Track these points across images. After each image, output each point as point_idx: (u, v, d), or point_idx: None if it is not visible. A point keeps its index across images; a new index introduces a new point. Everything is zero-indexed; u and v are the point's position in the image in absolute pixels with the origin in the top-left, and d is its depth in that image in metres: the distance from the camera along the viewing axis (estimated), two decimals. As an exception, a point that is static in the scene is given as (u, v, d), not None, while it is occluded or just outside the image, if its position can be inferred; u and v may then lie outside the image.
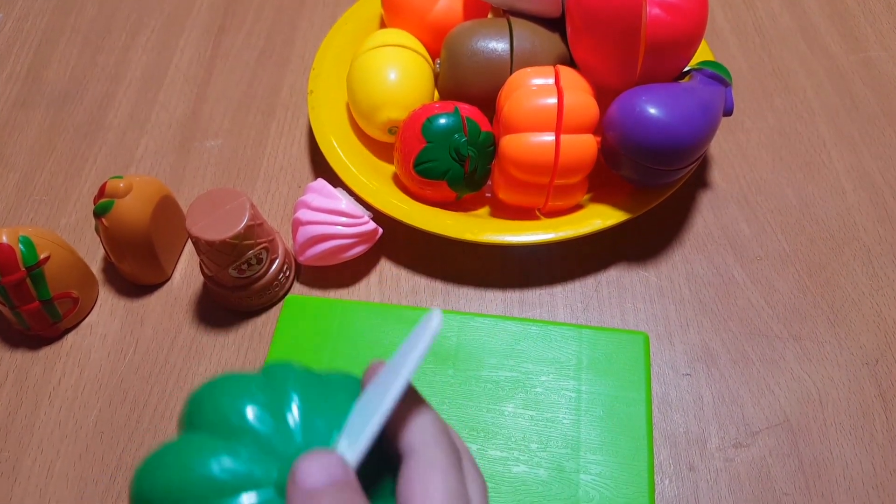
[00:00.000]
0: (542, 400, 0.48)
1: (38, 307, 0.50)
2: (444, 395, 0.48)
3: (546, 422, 0.47)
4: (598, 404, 0.47)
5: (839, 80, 0.66)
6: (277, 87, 0.68)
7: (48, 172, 0.63)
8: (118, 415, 0.51)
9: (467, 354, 0.49)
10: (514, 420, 0.47)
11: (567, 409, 0.47)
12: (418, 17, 0.61)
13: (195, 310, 0.55)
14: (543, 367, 0.49)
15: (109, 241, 0.52)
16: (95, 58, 0.72)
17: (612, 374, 0.48)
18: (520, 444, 0.46)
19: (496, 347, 0.50)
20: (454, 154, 0.53)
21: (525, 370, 0.49)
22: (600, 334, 0.50)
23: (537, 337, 0.50)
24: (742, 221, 0.58)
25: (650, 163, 0.49)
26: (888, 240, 0.56)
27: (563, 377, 0.48)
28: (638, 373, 0.48)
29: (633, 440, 0.46)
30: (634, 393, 0.47)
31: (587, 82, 0.52)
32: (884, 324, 0.52)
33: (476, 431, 0.47)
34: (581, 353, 0.49)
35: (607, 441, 0.46)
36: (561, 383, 0.48)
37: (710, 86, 0.52)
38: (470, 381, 0.48)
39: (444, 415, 0.47)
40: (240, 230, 0.48)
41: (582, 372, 0.48)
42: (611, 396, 0.47)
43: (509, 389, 0.48)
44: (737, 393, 0.50)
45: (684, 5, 0.48)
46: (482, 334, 0.50)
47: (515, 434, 0.46)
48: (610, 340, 0.49)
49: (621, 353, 0.49)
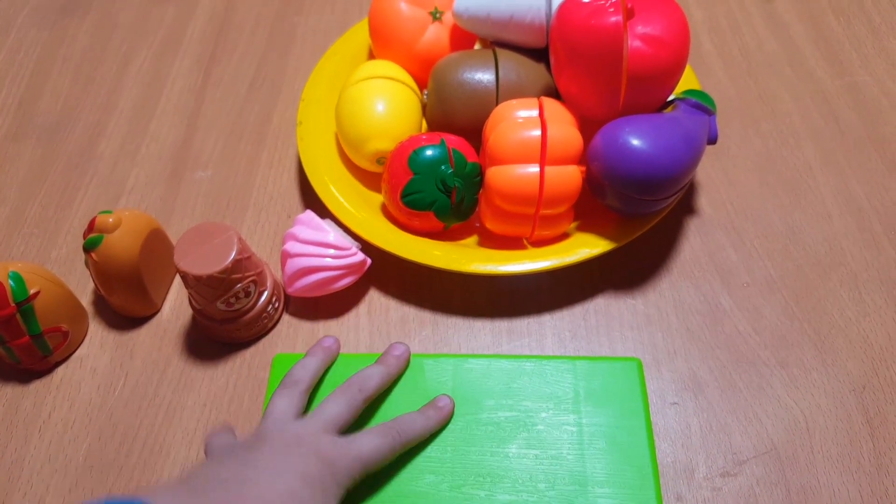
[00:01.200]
0: (544, 437, 0.47)
1: (29, 342, 0.51)
2: (446, 442, 0.47)
3: (551, 459, 0.46)
4: (600, 436, 0.47)
5: (825, 105, 0.67)
6: (268, 117, 0.69)
7: (39, 205, 0.64)
8: (108, 448, 0.51)
9: (464, 398, 0.49)
10: (518, 461, 0.46)
11: (570, 444, 0.47)
12: (406, 49, 0.61)
13: (184, 342, 0.55)
14: (542, 404, 0.48)
15: (99, 275, 0.52)
16: (87, 88, 0.72)
17: (609, 403, 0.48)
18: (528, 486, 0.45)
19: (493, 388, 0.49)
20: (441, 185, 0.53)
21: (524, 409, 0.48)
22: (594, 364, 0.50)
23: (532, 373, 0.50)
24: (729, 248, 0.58)
25: (634, 193, 0.50)
26: (874, 265, 0.56)
27: (562, 412, 0.48)
28: (635, 399, 0.48)
29: (639, 468, 0.45)
30: (634, 420, 0.47)
31: (571, 114, 0.53)
32: (870, 350, 0.52)
33: (482, 477, 0.46)
34: (577, 386, 0.49)
35: (613, 472, 0.45)
36: (561, 418, 0.48)
37: (693, 115, 0.53)
38: (470, 426, 0.48)
39: (449, 463, 0.47)
40: (227, 264, 0.48)
41: (580, 404, 0.48)
42: (611, 426, 0.47)
43: (510, 430, 0.48)
44: (724, 421, 0.50)
45: (665, 38, 0.49)
46: (477, 376, 0.50)
47: (522, 476, 0.46)
48: (604, 370, 0.49)
49: (617, 381, 0.49)
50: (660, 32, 0.49)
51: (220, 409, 0.52)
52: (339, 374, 0.50)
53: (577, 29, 0.50)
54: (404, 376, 0.50)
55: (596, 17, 0.49)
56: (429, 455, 0.47)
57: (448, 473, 0.46)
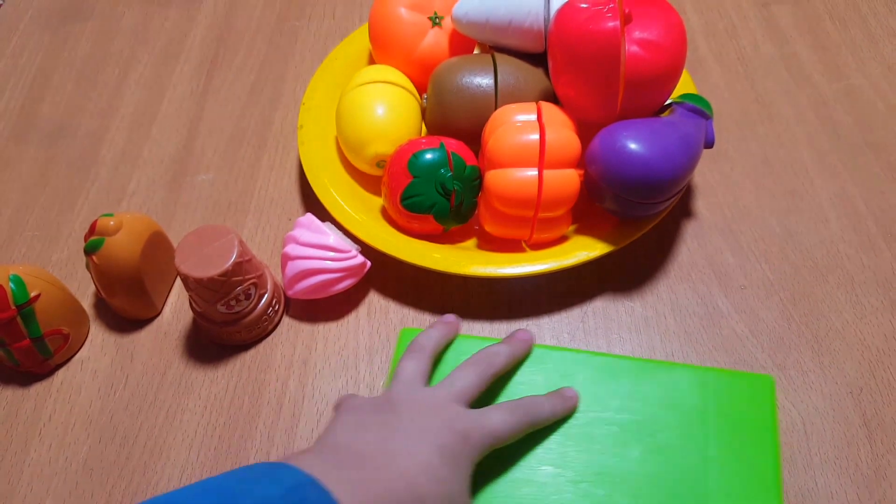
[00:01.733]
0: (668, 446, 0.46)
1: (29, 344, 0.51)
2: (568, 436, 0.47)
3: (674, 469, 0.45)
4: (727, 453, 0.46)
5: (822, 109, 0.67)
6: (268, 122, 0.69)
7: (41, 208, 0.64)
8: (108, 451, 0.51)
9: (590, 394, 0.48)
10: (640, 466, 0.45)
11: (695, 457, 0.46)
12: (406, 53, 0.62)
13: (185, 344, 0.56)
14: (669, 412, 0.47)
15: (100, 277, 0.53)
16: (89, 93, 0.73)
17: (739, 420, 0.47)
18: (647, 493, 0.45)
19: (619, 389, 0.48)
20: (440, 188, 0.53)
21: (650, 414, 0.47)
22: (726, 378, 0.48)
23: (662, 379, 0.49)
24: (726, 251, 0.58)
25: (632, 196, 0.50)
26: (871, 267, 0.57)
27: (689, 423, 0.47)
28: (766, 418, 0.47)
29: (765, 491, 0.44)
30: (763, 440, 0.46)
31: (569, 118, 0.53)
32: (868, 352, 0.53)
33: (602, 476, 0.45)
34: (707, 398, 0.47)
35: (738, 493, 0.44)
36: (687, 429, 0.47)
37: (690, 119, 0.53)
38: (593, 423, 0.47)
39: (570, 458, 0.46)
40: (228, 267, 0.48)
41: (709, 417, 0.47)
42: (739, 444, 0.46)
43: (634, 433, 0.47)
44: (722, 423, 0.50)
45: (663, 42, 0.49)
46: (604, 374, 0.49)
47: (642, 481, 0.45)
48: (736, 384, 0.48)
49: (748, 397, 0.47)
50: (657, 37, 0.49)
51: (220, 411, 0.52)
52: (457, 353, 0.50)
53: (574, 34, 0.50)
54: (530, 364, 0.50)
55: (594, 22, 0.49)
56: (549, 447, 0.47)
57: (568, 467, 0.46)
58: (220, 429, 0.51)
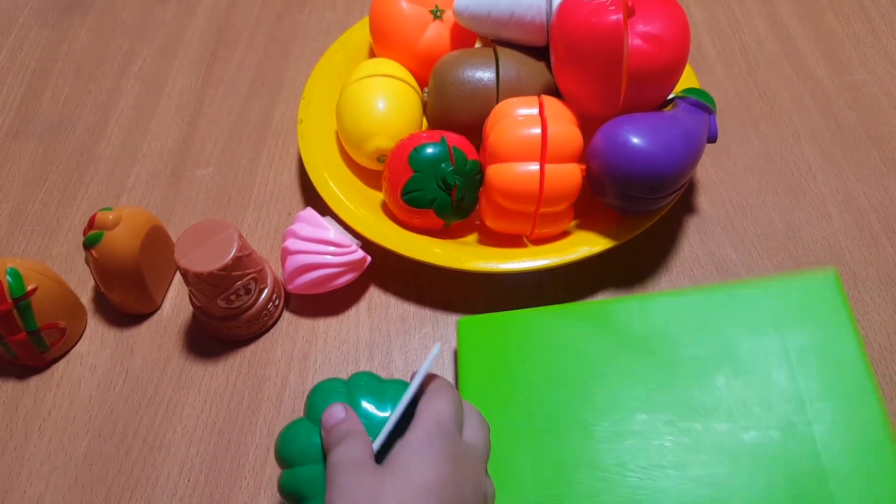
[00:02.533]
0: (750, 364, 0.45)
1: (25, 338, 0.51)
2: (650, 382, 0.46)
3: (762, 384, 0.45)
4: (810, 353, 0.45)
5: (824, 104, 0.67)
6: (268, 116, 0.69)
7: (40, 202, 0.64)
8: (108, 446, 0.51)
9: (659, 338, 0.47)
10: (729, 391, 0.45)
11: (778, 365, 0.45)
12: (407, 47, 0.61)
13: (185, 339, 0.55)
14: (741, 330, 0.46)
15: (99, 272, 0.53)
16: (88, 87, 0.73)
17: (812, 318, 0.45)
18: (743, 412, 0.44)
19: (687, 323, 0.47)
20: (441, 183, 0.53)
21: (724, 339, 0.46)
22: (788, 282, 0.47)
23: (724, 303, 0.47)
24: (728, 246, 0.58)
25: (634, 191, 0.50)
26: (873, 264, 0.56)
27: (764, 335, 0.46)
28: (838, 311, 0.45)
29: (856, 380, 0.43)
30: (841, 332, 0.45)
31: (571, 112, 0.53)
32: (870, 349, 0.52)
33: (695, 410, 0.45)
34: (775, 308, 0.46)
35: (830, 387, 0.43)
36: (764, 342, 0.46)
37: (693, 114, 0.53)
38: (672, 364, 0.46)
39: (657, 402, 0.45)
40: (227, 262, 0.48)
41: (781, 325, 0.46)
42: (819, 342, 0.45)
43: (714, 362, 0.46)
44: (724, 419, 0.50)
45: (666, 36, 0.49)
46: (666, 315, 0.48)
47: (735, 403, 0.44)
48: (800, 286, 0.47)
49: (815, 295, 0.46)
50: (660, 31, 0.49)
51: (219, 406, 0.52)
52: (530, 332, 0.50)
53: (577, 27, 0.50)
54: (590, 325, 0.49)
55: (596, 16, 0.49)
56: (635, 395, 0.46)
57: (660, 411, 0.45)
58: (220, 424, 0.51)
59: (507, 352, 0.49)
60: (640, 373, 0.47)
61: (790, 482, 0.42)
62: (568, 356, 0.48)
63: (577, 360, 0.48)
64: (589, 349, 0.48)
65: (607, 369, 0.47)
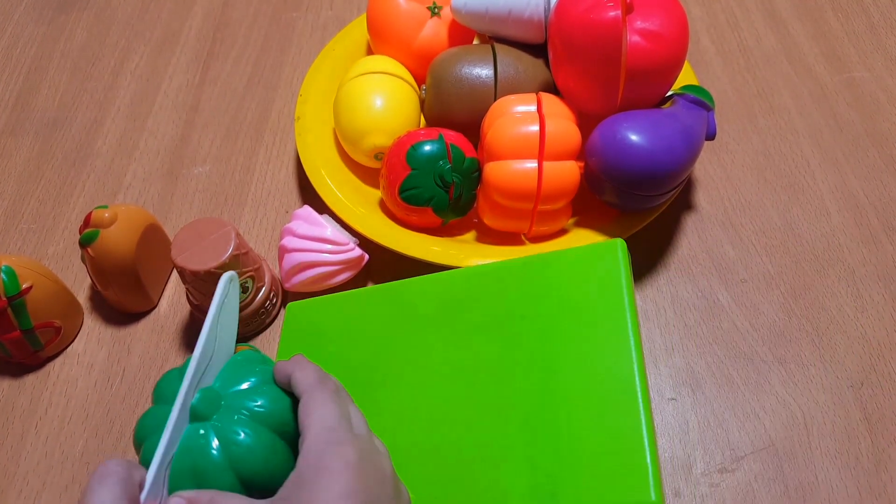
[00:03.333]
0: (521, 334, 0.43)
1: (20, 336, 0.51)
2: (451, 353, 0.45)
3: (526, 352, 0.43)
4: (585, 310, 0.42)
5: (823, 101, 0.67)
6: (265, 113, 0.69)
7: (36, 200, 0.64)
8: (104, 445, 0.51)
9: (459, 308, 0.46)
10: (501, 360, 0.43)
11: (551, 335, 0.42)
12: (404, 44, 0.61)
13: (182, 337, 0.55)
14: (523, 304, 0.44)
15: (95, 270, 0.52)
16: (84, 84, 0.72)
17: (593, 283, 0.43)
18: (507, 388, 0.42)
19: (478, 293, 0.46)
20: (439, 181, 0.53)
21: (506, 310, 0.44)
22: (572, 254, 0.45)
23: (514, 277, 0.45)
24: (727, 244, 0.58)
25: (632, 189, 0.50)
26: (872, 261, 0.56)
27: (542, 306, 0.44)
28: (614, 279, 0.43)
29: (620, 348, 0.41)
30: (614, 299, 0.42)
31: (569, 109, 0.53)
32: (868, 346, 0.52)
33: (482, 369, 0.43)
34: (562, 274, 0.44)
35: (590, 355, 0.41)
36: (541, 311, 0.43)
37: (692, 111, 0.52)
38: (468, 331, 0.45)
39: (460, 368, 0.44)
40: (225, 260, 0.48)
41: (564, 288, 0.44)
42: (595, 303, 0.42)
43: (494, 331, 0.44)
44: (722, 417, 0.50)
45: (664, 33, 0.49)
46: (467, 286, 0.47)
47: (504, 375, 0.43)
48: (586, 254, 0.44)
49: (596, 266, 0.44)
50: (658, 27, 0.49)
51: (217, 404, 0.52)
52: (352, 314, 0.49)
53: (575, 24, 0.50)
54: (394, 305, 0.48)
55: (595, 12, 0.49)
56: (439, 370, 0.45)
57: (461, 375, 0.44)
58: (217, 422, 0.51)
59: (326, 335, 0.48)
60: (439, 345, 0.45)
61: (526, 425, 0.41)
62: (376, 337, 0.47)
63: (383, 339, 0.47)
64: (395, 327, 0.47)
65: (411, 345, 0.46)
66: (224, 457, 0.36)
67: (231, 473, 0.36)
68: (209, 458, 0.36)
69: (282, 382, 0.39)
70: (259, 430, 0.37)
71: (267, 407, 0.38)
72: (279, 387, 0.39)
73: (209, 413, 0.37)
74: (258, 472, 0.36)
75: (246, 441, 0.36)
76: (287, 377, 0.38)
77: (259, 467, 0.36)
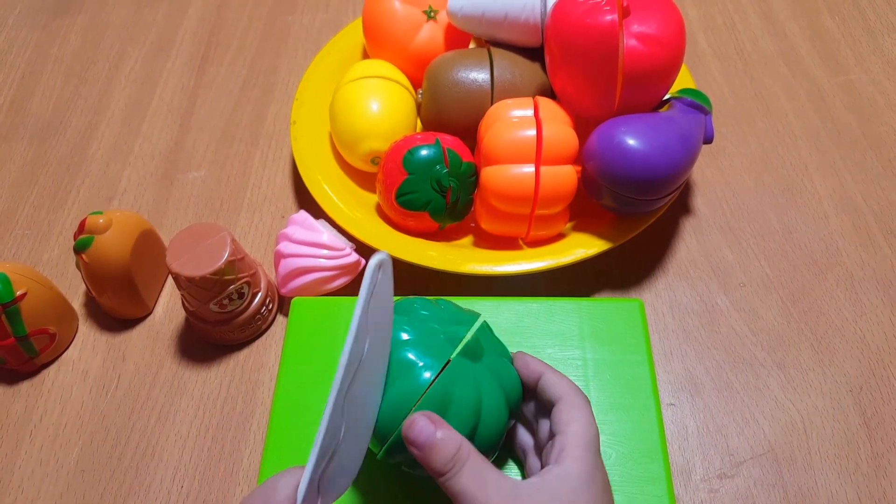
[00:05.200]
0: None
1: (14, 343, 0.50)
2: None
3: None
4: (605, 369, 0.47)
5: (821, 104, 0.67)
6: (261, 118, 0.68)
7: (31, 206, 0.63)
8: (100, 452, 0.50)
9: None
10: None
11: (575, 376, 0.47)
12: (400, 48, 0.61)
13: (177, 344, 0.55)
14: (548, 340, 0.49)
15: (90, 276, 0.52)
16: (79, 89, 0.72)
17: (613, 340, 0.48)
18: None
19: (501, 326, 0.49)
20: (436, 185, 0.53)
21: (531, 345, 0.48)
22: (598, 305, 0.50)
23: (539, 313, 0.50)
24: (725, 248, 0.58)
25: (630, 193, 0.49)
26: (871, 265, 0.56)
27: (567, 347, 0.48)
28: (637, 336, 0.48)
29: (642, 399, 0.46)
30: (636, 356, 0.47)
31: (566, 113, 0.52)
32: (867, 350, 0.52)
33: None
34: (582, 324, 0.49)
35: (617, 402, 0.46)
36: (567, 353, 0.48)
37: (689, 114, 0.52)
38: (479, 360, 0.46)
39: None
40: (220, 266, 0.48)
41: (585, 341, 0.48)
42: (615, 361, 0.47)
43: None
44: (721, 423, 0.49)
45: (661, 36, 0.49)
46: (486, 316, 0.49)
47: None
48: (607, 310, 0.50)
49: (619, 320, 0.49)
50: (655, 31, 0.49)
51: (213, 411, 0.51)
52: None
53: (572, 27, 0.49)
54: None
55: (591, 16, 0.49)
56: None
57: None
58: (213, 430, 0.51)
59: (333, 335, 0.49)
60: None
61: None
62: None
63: None
64: None
65: None
66: (496, 381, 0.39)
67: (473, 421, 0.37)
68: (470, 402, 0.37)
69: (521, 370, 0.41)
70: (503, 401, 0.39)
71: (513, 385, 0.40)
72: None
73: (478, 358, 0.39)
74: (492, 434, 0.38)
75: (512, 382, 0.40)
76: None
77: (495, 431, 0.38)
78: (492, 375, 0.39)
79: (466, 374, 0.38)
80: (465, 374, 0.38)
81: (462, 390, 0.37)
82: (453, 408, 0.37)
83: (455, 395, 0.37)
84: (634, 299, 0.50)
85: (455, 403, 0.37)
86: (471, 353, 0.39)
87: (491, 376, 0.39)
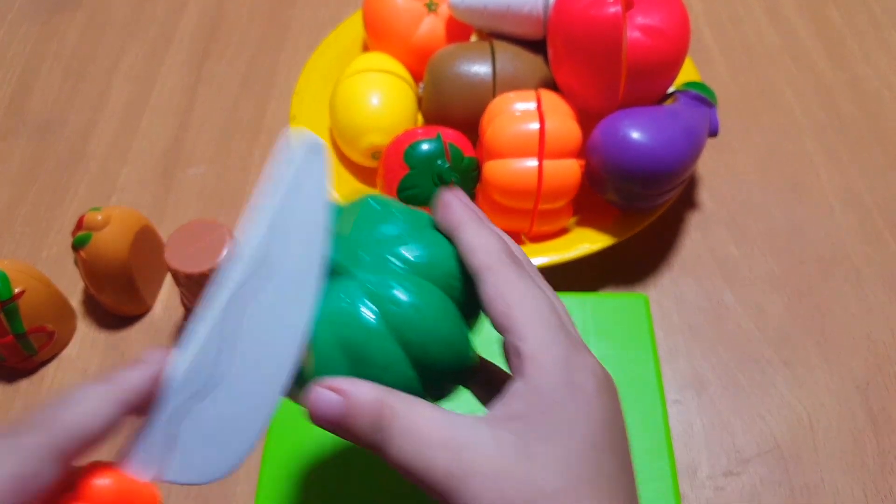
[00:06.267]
0: None
1: (12, 341, 0.50)
2: None
3: None
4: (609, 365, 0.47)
5: (826, 98, 0.66)
6: (261, 113, 0.68)
7: (30, 203, 0.63)
8: (99, 451, 0.50)
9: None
10: None
11: None
12: (401, 41, 0.60)
13: (177, 341, 0.54)
14: None
15: (88, 273, 0.51)
16: (78, 85, 0.71)
17: (617, 336, 0.48)
18: None
19: None
20: (437, 180, 0.52)
21: None
22: (602, 300, 0.50)
23: None
24: (731, 243, 0.57)
25: (634, 187, 0.49)
26: (877, 261, 0.56)
27: None
28: (642, 332, 0.48)
29: (646, 395, 0.46)
30: (641, 352, 0.47)
31: (570, 106, 0.52)
32: (874, 346, 0.51)
33: None
34: (586, 320, 0.49)
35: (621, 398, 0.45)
36: None
37: (694, 108, 0.52)
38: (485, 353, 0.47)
39: None
40: (219, 262, 0.47)
41: (589, 337, 0.48)
42: (619, 357, 0.47)
43: None
44: (727, 420, 0.49)
45: (665, 29, 0.48)
46: None
47: None
48: (612, 305, 0.49)
49: (624, 315, 0.49)
50: (659, 23, 0.48)
51: (212, 409, 0.51)
52: None
53: (575, 20, 0.49)
54: None
55: (595, 8, 0.48)
56: None
57: None
58: (213, 428, 0.50)
59: None
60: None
61: None
62: None
63: None
64: None
65: None
66: (383, 323, 0.26)
67: (396, 346, 0.26)
68: (362, 326, 0.26)
69: (444, 230, 0.29)
70: (423, 286, 0.27)
71: (428, 256, 0.28)
72: (440, 233, 0.29)
73: (350, 266, 0.27)
74: (431, 343, 0.27)
75: (410, 300, 0.26)
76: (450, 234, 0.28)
77: (431, 336, 0.26)
78: (391, 270, 0.27)
79: (340, 301, 0.27)
80: (339, 302, 0.27)
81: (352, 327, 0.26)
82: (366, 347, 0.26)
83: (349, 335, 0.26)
84: (639, 294, 0.50)
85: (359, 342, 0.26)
86: (338, 266, 0.27)
87: (390, 272, 0.27)
